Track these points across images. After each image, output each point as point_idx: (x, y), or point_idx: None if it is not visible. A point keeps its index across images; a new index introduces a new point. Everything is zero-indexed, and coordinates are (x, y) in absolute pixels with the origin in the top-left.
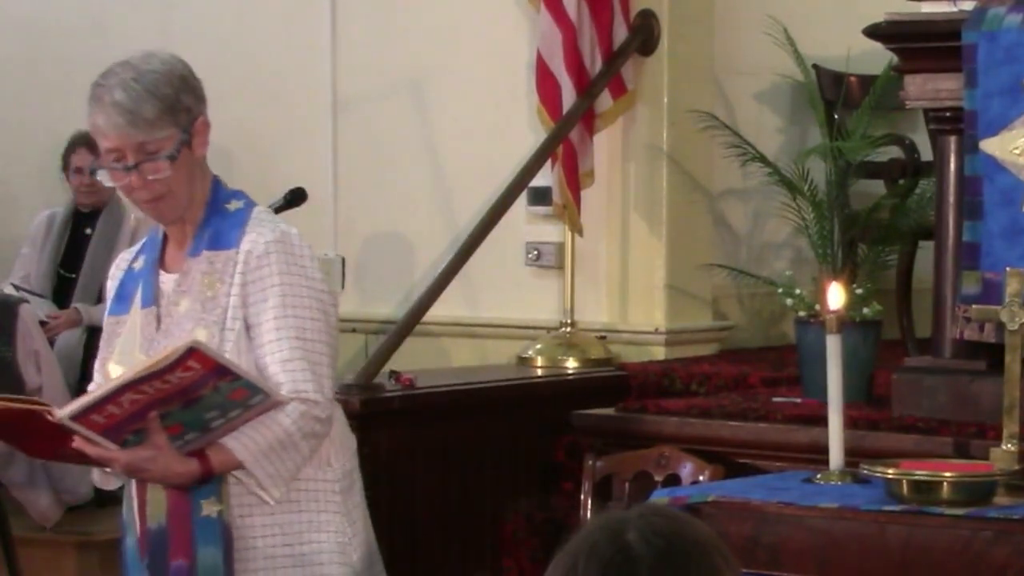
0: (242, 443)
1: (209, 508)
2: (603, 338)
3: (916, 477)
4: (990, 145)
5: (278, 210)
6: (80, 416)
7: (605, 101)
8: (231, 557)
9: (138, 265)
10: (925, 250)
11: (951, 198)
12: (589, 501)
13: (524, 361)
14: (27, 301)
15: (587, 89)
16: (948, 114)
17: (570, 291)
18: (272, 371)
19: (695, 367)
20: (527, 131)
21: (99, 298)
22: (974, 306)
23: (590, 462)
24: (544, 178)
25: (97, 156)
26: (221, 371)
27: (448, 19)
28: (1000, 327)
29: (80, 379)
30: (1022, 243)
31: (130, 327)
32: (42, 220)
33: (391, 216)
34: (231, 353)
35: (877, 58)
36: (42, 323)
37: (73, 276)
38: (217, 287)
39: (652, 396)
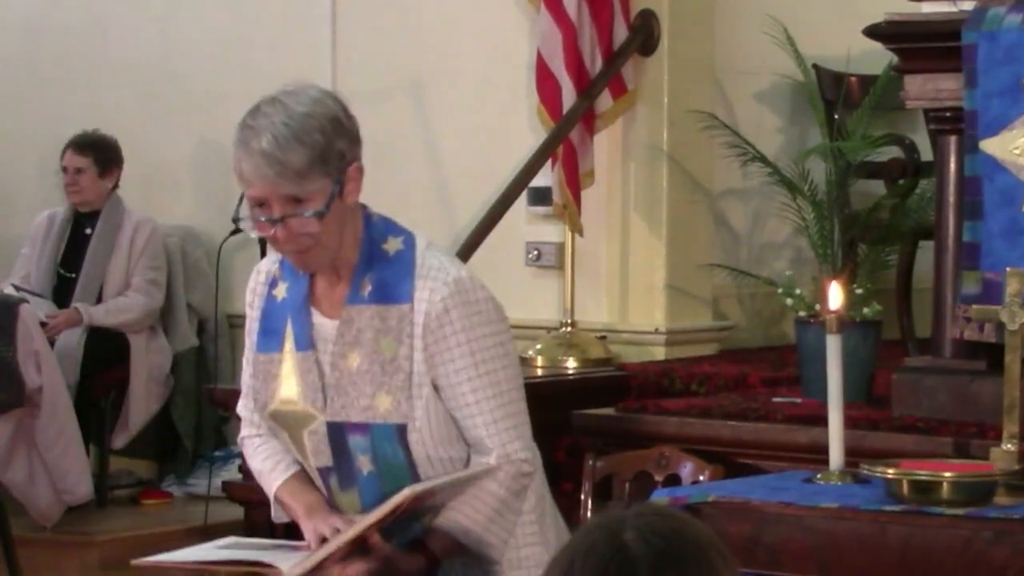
0: (463, 526)
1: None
2: (603, 338)
3: (916, 477)
4: (990, 145)
5: None
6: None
7: (605, 101)
8: None
9: (281, 294)
10: (925, 250)
11: (951, 198)
12: (589, 501)
13: (524, 361)
14: (27, 301)
15: (587, 89)
16: (948, 114)
17: (570, 291)
18: (479, 435)
19: (695, 367)
20: (527, 131)
21: (99, 298)
22: (974, 306)
23: (590, 462)
24: (544, 178)
25: (84, 157)
26: (440, 489)
27: (448, 19)
28: (1000, 327)
29: (80, 379)
30: (1022, 243)
31: (287, 372)
32: (42, 220)
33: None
34: (422, 419)
35: (877, 58)
36: (42, 323)
37: (73, 276)
38: (396, 348)
39: (652, 396)
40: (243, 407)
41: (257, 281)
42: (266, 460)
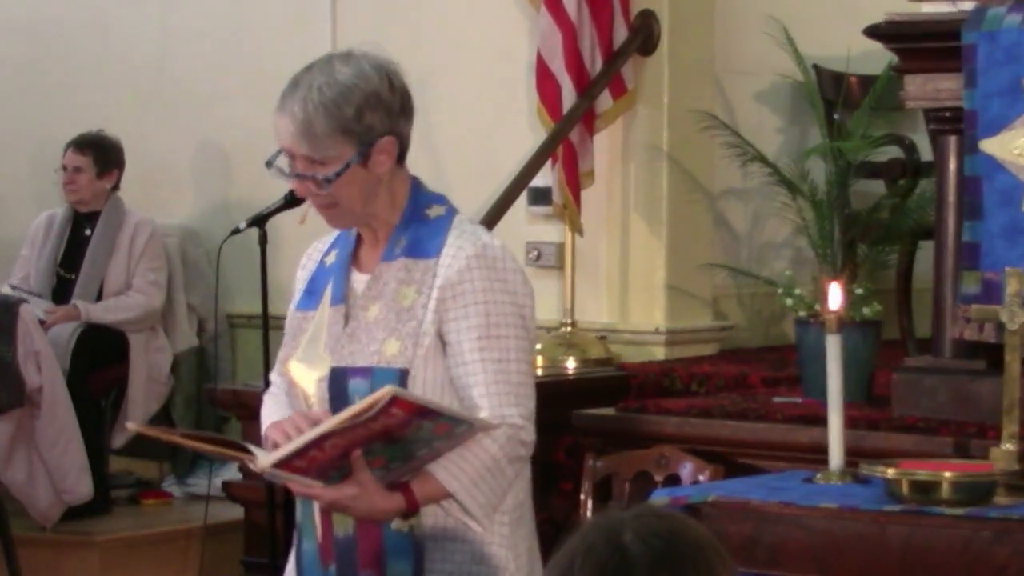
0: (451, 472)
1: (400, 522)
2: (603, 338)
3: (916, 477)
4: (990, 145)
5: (277, 210)
6: (283, 463)
7: (605, 101)
8: (421, 574)
9: (330, 260)
10: (925, 250)
11: (951, 198)
12: (589, 501)
13: None
14: (27, 301)
15: (587, 89)
16: (948, 114)
17: (570, 291)
18: (474, 394)
19: (695, 367)
20: (527, 131)
21: (98, 297)
22: (974, 306)
23: (590, 462)
24: (544, 178)
25: (84, 156)
26: (423, 412)
27: (448, 19)
28: (1000, 327)
29: (71, 371)
30: (1022, 243)
31: (317, 324)
32: (41, 221)
33: None
34: (419, 368)
35: (877, 58)
36: (41, 321)
37: (72, 277)
38: (413, 298)
39: (652, 396)
40: (273, 373)
41: (315, 248)
42: (268, 407)
